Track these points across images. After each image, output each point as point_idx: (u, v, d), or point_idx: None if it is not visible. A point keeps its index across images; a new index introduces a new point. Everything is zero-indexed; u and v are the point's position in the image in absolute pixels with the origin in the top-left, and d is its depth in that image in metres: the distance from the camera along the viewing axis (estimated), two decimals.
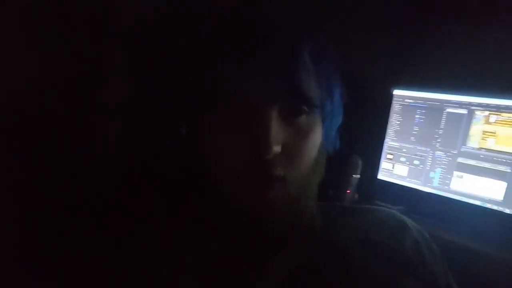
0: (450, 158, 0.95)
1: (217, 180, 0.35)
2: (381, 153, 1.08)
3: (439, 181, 0.97)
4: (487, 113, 0.90)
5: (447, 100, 0.96)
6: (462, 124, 0.94)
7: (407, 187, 1.02)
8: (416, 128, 1.02)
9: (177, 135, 0.39)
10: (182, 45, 0.40)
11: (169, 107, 0.41)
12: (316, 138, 0.37)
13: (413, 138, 1.02)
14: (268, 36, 0.33)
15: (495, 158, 0.88)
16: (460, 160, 0.93)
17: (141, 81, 0.47)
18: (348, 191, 0.98)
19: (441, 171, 0.97)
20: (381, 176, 1.08)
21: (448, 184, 0.95)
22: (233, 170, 0.34)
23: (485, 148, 0.90)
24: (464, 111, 0.94)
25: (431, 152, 0.99)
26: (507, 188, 0.86)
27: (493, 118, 0.89)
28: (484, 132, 0.90)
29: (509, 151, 0.86)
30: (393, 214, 0.43)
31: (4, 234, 0.37)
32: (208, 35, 0.36)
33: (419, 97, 1.02)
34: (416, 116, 1.02)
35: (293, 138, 0.34)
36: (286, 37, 0.34)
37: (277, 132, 0.32)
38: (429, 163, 0.99)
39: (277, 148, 0.32)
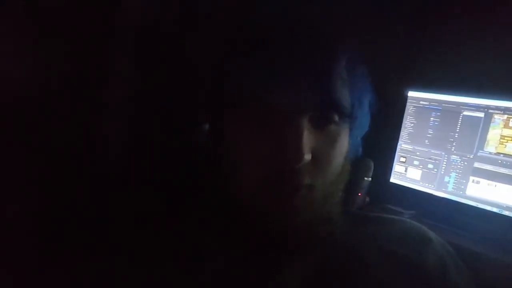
0: (466, 163, 0.92)
1: (242, 186, 0.35)
2: (394, 156, 1.06)
3: (454, 186, 0.94)
4: (505, 116, 0.87)
5: (464, 102, 0.94)
6: (479, 127, 0.91)
7: (420, 191, 1.00)
8: (430, 131, 1.00)
9: (203, 140, 0.39)
10: (218, 52, 0.40)
11: (198, 113, 0.41)
12: (344, 146, 0.37)
13: (427, 141, 1.00)
14: (304, 43, 0.34)
15: None
16: (476, 165, 0.91)
17: (171, 87, 0.47)
18: (359, 194, 0.96)
19: (456, 175, 0.94)
20: (393, 179, 1.06)
21: (464, 190, 0.92)
22: (259, 177, 0.34)
23: (503, 153, 0.87)
24: (481, 115, 0.91)
25: (446, 156, 0.96)
26: None
27: None
28: (503, 136, 0.87)
29: None
30: (417, 226, 0.42)
31: (5, 234, 0.37)
32: (245, 42, 0.36)
33: (434, 99, 0.99)
34: (431, 118, 0.99)
35: (322, 146, 0.34)
36: (323, 45, 0.34)
37: (308, 140, 0.33)
38: (444, 167, 0.96)
39: (308, 157, 0.32)
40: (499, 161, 0.87)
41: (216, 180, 0.37)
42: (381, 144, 1.05)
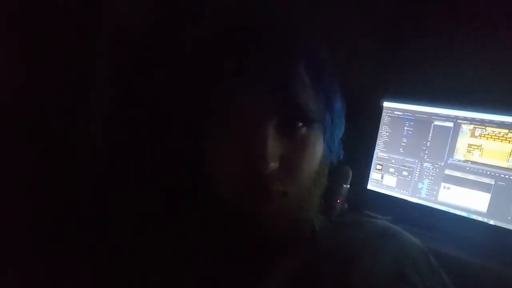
0: (438, 170, 0.97)
1: (218, 190, 0.35)
2: (371, 164, 1.10)
3: (427, 192, 0.99)
4: (472, 126, 0.93)
5: (435, 113, 0.99)
6: (449, 137, 0.96)
7: (395, 197, 1.04)
8: (404, 140, 1.04)
9: (180, 144, 0.39)
10: (179, 57, 0.41)
11: (172, 117, 0.42)
12: (316, 151, 0.36)
13: (401, 149, 1.04)
14: (263, 50, 0.33)
15: (480, 171, 0.90)
16: (447, 172, 0.96)
17: (141, 91, 0.47)
18: (337, 201, 0.99)
19: (429, 182, 0.99)
20: (370, 186, 1.09)
21: (436, 195, 0.97)
22: (232, 182, 0.34)
23: (470, 161, 0.92)
24: (450, 124, 0.96)
25: (419, 163, 1.01)
26: (490, 199, 0.88)
27: (478, 131, 0.92)
28: (470, 145, 0.93)
29: (493, 164, 0.88)
30: (389, 227, 0.43)
31: (7, 235, 0.37)
32: (204, 48, 0.36)
33: (408, 110, 1.04)
34: (405, 128, 1.04)
35: (291, 152, 0.34)
36: (281, 51, 0.34)
37: (274, 147, 0.32)
38: (417, 174, 1.01)
39: (274, 164, 0.32)
40: (467, 168, 0.92)
41: (201, 182, 0.37)
42: (358, 152, 1.09)
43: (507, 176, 0.86)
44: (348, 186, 1.00)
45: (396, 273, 0.38)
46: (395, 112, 1.06)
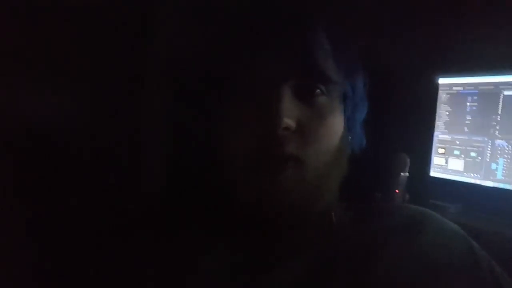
0: None
1: (229, 166, 0.34)
2: (431, 148, 1.00)
3: (504, 173, 0.87)
4: None
5: (503, 82, 0.87)
6: None
7: (464, 182, 0.93)
8: (469, 117, 0.93)
9: (191, 121, 0.38)
10: (193, 24, 0.40)
11: (182, 91, 0.40)
12: (336, 124, 0.35)
13: (466, 128, 0.94)
14: (284, 11, 0.33)
15: None
16: None
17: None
18: (396, 191, 0.91)
19: (505, 161, 0.87)
20: (433, 173, 1.00)
21: None
22: (245, 151, 0.32)
23: None
24: None
25: (490, 141, 0.89)
26: None
27: None
28: None
29: None
30: (421, 214, 0.38)
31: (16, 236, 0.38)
32: (223, 16, 0.36)
33: (469, 83, 0.93)
34: (468, 104, 0.93)
35: (309, 118, 0.32)
36: (301, 13, 0.34)
37: (290, 108, 0.31)
38: (489, 154, 0.89)
39: (289, 122, 0.31)
40: None
41: (210, 163, 0.35)
42: (416, 137, 1.01)
43: None
44: (407, 174, 0.92)
45: (426, 268, 0.33)
46: (454, 88, 0.96)
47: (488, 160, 0.90)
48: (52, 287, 0.36)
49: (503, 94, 0.87)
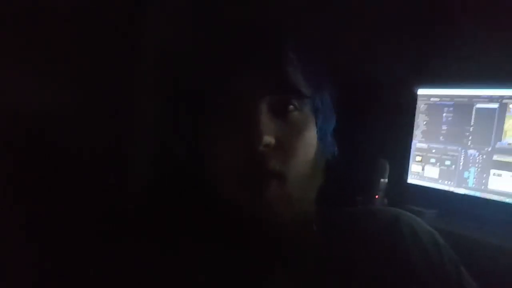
0: (485, 156, 0.90)
1: (214, 182, 0.35)
2: (409, 156, 1.04)
3: (475, 181, 0.92)
4: None
5: (476, 95, 0.92)
6: (494, 119, 0.89)
7: (439, 189, 0.97)
8: (444, 127, 0.98)
9: (175, 135, 0.39)
10: (172, 45, 0.41)
11: (164, 106, 0.42)
12: (311, 137, 0.37)
13: (442, 137, 0.98)
14: (255, 32, 0.35)
15: None
16: (496, 157, 0.88)
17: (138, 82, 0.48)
18: (376, 197, 0.95)
19: (476, 170, 0.91)
20: (411, 179, 1.04)
21: (485, 184, 0.90)
22: (228, 169, 0.34)
23: None
24: (495, 106, 0.89)
25: (463, 151, 0.94)
26: None
27: None
28: None
29: None
30: (397, 216, 0.41)
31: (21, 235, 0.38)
32: (198, 35, 0.38)
33: (446, 95, 0.98)
34: (444, 114, 0.98)
35: (286, 133, 0.34)
36: (272, 33, 0.36)
37: (268, 124, 0.33)
38: (462, 163, 0.94)
39: (269, 138, 0.32)
40: None
41: (198, 177, 0.37)
42: (395, 145, 1.04)
43: None
44: (386, 180, 0.95)
45: (404, 266, 0.36)
46: (431, 99, 1.00)
47: (461, 168, 0.94)
48: (52, 287, 0.36)
49: (476, 107, 0.92)
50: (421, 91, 1.02)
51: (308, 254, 0.36)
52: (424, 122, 1.02)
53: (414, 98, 1.03)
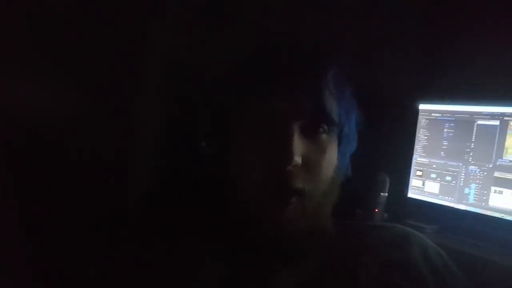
0: (486, 173, 0.90)
1: (240, 194, 0.37)
2: (410, 170, 1.04)
3: (475, 197, 0.91)
4: None
5: (477, 112, 0.92)
6: (495, 136, 0.89)
7: (439, 205, 0.97)
8: (445, 143, 0.98)
9: (204, 148, 0.42)
10: (217, 66, 0.43)
11: (197, 121, 0.43)
12: (333, 158, 0.39)
13: (443, 153, 0.98)
14: (298, 55, 0.37)
15: None
16: (497, 174, 0.88)
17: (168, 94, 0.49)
18: (376, 210, 0.94)
19: (477, 186, 0.91)
20: (411, 194, 1.03)
21: (486, 201, 0.89)
22: (253, 182, 0.36)
23: None
24: (496, 122, 0.89)
25: (464, 167, 0.94)
26: None
27: None
28: None
29: None
30: (404, 232, 0.43)
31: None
32: (244, 57, 0.40)
33: (447, 111, 0.98)
34: (445, 130, 0.98)
35: (312, 153, 0.36)
36: (316, 58, 0.38)
37: (298, 145, 0.35)
38: (463, 179, 0.94)
39: (298, 159, 0.34)
40: None
41: (223, 186, 0.39)
42: (396, 159, 1.04)
43: None
44: (386, 194, 0.95)
45: (409, 279, 0.37)
46: (433, 114, 1.01)
47: (461, 184, 0.94)
48: (51, 286, 0.36)
49: (477, 123, 0.93)
50: (422, 106, 1.03)
51: (317, 262, 0.38)
52: (425, 137, 1.02)
53: (415, 113, 1.03)
